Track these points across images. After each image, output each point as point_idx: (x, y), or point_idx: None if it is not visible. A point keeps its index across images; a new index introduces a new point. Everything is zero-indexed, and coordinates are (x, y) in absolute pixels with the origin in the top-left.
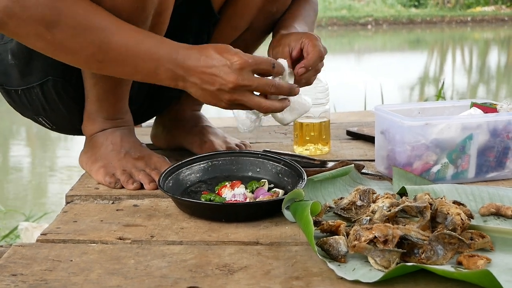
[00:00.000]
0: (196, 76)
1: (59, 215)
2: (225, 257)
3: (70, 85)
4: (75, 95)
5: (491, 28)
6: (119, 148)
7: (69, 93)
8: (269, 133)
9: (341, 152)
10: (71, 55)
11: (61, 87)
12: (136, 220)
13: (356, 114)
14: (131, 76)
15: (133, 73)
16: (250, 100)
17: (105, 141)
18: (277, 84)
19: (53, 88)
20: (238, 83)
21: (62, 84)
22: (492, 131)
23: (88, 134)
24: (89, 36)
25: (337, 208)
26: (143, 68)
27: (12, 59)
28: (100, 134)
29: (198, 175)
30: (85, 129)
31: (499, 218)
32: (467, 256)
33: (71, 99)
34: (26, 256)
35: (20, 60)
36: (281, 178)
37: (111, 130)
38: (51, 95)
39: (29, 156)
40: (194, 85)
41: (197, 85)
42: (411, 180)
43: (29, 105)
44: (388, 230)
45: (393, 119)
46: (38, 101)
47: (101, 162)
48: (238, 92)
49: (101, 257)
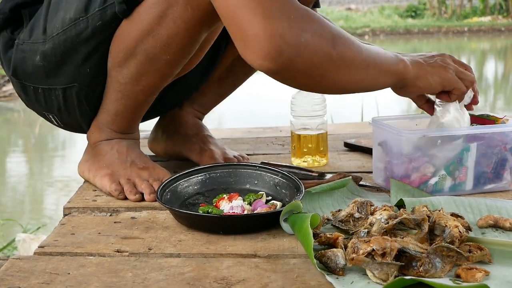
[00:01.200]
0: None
1: (57, 228)
2: (223, 269)
3: (94, 95)
4: (96, 105)
5: (488, 38)
6: (125, 157)
7: (90, 102)
8: (266, 145)
9: (338, 164)
10: (346, 72)
11: (84, 95)
12: (134, 233)
13: (353, 125)
14: (364, 83)
15: (373, 82)
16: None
17: (111, 149)
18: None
19: (75, 94)
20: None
21: (86, 93)
22: (489, 142)
23: (92, 141)
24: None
25: (335, 220)
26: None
27: (41, 61)
28: (105, 143)
29: (196, 187)
30: (91, 136)
31: (497, 230)
32: (465, 269)
33: (90, 108)
34: (24, 269)
35: (50, 63)
36: (279, 190)
37: (117, 140)
38: (72, 100)
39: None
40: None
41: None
42: (409, 192)
43: (44, 103)
44: (386, 242)
45: (390, 131)
46: (56, 101)
47: (107, 169)
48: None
49: (98, 270)
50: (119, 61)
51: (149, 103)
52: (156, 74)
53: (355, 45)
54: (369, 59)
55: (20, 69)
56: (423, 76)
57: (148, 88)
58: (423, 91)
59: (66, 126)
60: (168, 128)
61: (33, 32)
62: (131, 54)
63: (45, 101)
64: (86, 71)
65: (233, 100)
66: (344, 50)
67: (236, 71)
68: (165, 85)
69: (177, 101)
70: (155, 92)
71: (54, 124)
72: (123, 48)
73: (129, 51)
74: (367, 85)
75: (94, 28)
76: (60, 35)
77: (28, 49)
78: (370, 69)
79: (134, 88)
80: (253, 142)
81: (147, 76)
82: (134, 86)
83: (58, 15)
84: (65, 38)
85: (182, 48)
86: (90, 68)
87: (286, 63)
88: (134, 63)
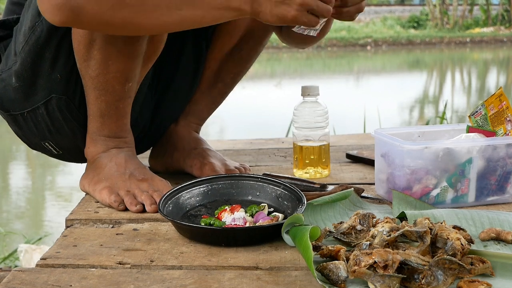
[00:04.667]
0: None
1: (59, 239)
2: (225, 282)
3: (73, 103)
4: (79, 114)
5: (490, 49)
6: (124, 169)
7: (72, 112)
8: (268, 156)
9: (340, 175)
10: (152, 9)
11: (64, 105)
12: (136, 245)
13: (355, 136)
14: (202, 19)
15: (204, 14)
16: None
17: (109, 162)
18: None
19: (57, 107)
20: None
21: (65, 102)
22: (492, 154)
23: (91, 156)
24: None
25: (337, 232)
26: (217, 4)
27: (17, 81)
28: (104, 156)
29: (198, 198)
30: (88, 151)
31: (500, 243)
32: (468, 282)
33: (74, 120)
34: (26, 281)
35: (24, 81)
36: (281, 202)
37: (115, 151)
38: (56, 114)
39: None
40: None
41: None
42: (411, 204)
43: (35, 129)
44: (388, 255)
45: (392, 142)
46: (44, 122)
47: (106, 182)
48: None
49: (100, 282)
50: (83, 54)
51: (129, 98)
52: (120, 56)
53: None
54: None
55: (5, 99)
56: (265, 11)
57: (120, 74)
58: (273, 23)
59: (64, 152)
60: (166, 145)
61: (8, 59)
62: (90, 41)
63: (35, 126)
64: (57, 77)
65: (235, 112)
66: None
67: (223, 77)
68: (135, 68)
69: (170, 118)
70: (128, 78)
71: (54, 153)
72: (80, 39)
73: (87, 40)
74: (190, 23)
75: (48, 27)
76: (25, 47)
77: (6, 76)
78: (185, 9)
79: (106, 77)
80: (255, 154)
81: (113, 61)
82: (106, 75)
83: (21, 31)
84: (28, 48)
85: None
86: (60, 74)
87: (72, 14)
88: (96, 50)
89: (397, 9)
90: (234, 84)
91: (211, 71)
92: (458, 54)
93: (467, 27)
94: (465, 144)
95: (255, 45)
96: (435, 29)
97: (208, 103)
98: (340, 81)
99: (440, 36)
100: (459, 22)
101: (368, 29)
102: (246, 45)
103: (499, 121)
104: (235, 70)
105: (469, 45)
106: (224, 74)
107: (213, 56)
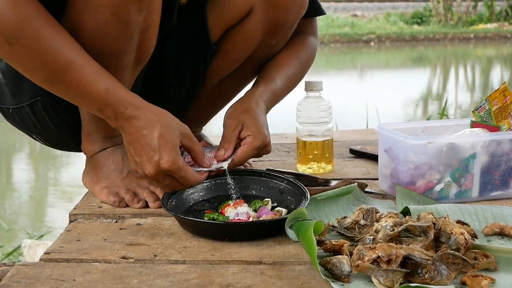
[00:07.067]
0: (131, 139)
1: (63, 234)
2: (228, 276)
3: (60, 105)
4: (65, 116)
5: (493, 45)
6: (121, 167)
7: (59, 114)
8: (272, 151)
9: (344, 170)
10: (26, 72)
11: (50, 107)
12: (139, 239)
13: (359, 132)
14: (78, 104)
15: (80, 104)
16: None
17: (107, 161)
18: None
19: (42, 108)
20: (154, 176)
21: (51, 104)
22: (495, 149)
23: (88, 154)
24: (45, 60)
25: (341, 227)
26: (89, 106)
27: (3, 78)
28: (101, 154)
29: (202, 193)
30: (85, 149)
31: (503, 238)
32: (471, 276)
33: (61, 120)
34: (29, 275)
35: (10, 80)
36: (285, 197)
37: (112, 149)
38: (42, 115)
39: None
40: (127, 140)
41: (129, 145)
42: (415, 199)
43: (22, 124)
44: (392, 249)
45: (396, 138)
46: (30, 120)
47: (104, 182)
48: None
49: (104, 276)
50: None
51: None
52: (108, 69)
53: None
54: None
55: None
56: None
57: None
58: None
59: (53, 145)
60: None
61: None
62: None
63: (21, 121)
64: None
65: None
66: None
67: (224, 91)
68: (124, 79)
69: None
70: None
71: (43, 143)
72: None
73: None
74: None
75: None
76: None
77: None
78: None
79: None
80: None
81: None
82: None
83: None
84: None
85: (116, 32)
86: None
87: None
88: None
89: (401, 5)
90: (235, 94)
91: (210, 87)
92: (461, 50)
93: (471, 23)
94: (469, 139)
95: (256, 69)
96: (438, 25)
97: (208, 111)
98: (343, 77)
99: (444, 32)
100: (463, 18)
101: (372, 25)
102: (249, 68)
103: (503, 116)
104: (236, 87)
105: (472, 41)
106: (226, 89)
107: (213, 72)
